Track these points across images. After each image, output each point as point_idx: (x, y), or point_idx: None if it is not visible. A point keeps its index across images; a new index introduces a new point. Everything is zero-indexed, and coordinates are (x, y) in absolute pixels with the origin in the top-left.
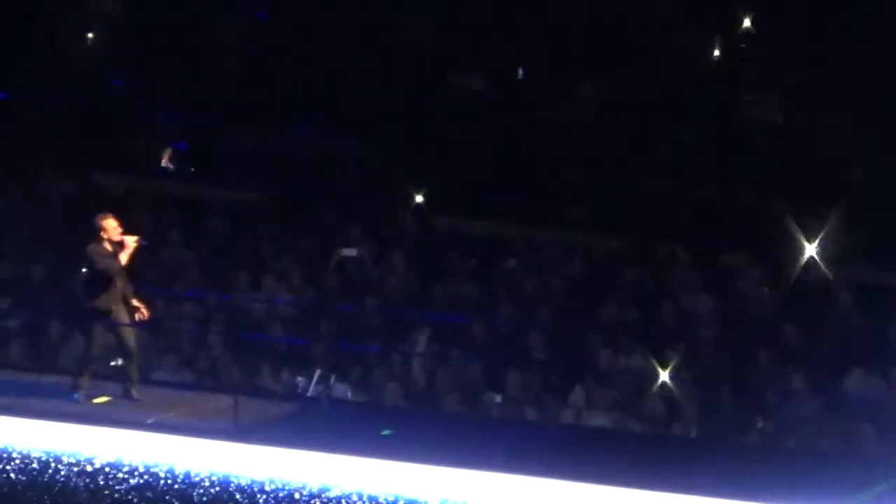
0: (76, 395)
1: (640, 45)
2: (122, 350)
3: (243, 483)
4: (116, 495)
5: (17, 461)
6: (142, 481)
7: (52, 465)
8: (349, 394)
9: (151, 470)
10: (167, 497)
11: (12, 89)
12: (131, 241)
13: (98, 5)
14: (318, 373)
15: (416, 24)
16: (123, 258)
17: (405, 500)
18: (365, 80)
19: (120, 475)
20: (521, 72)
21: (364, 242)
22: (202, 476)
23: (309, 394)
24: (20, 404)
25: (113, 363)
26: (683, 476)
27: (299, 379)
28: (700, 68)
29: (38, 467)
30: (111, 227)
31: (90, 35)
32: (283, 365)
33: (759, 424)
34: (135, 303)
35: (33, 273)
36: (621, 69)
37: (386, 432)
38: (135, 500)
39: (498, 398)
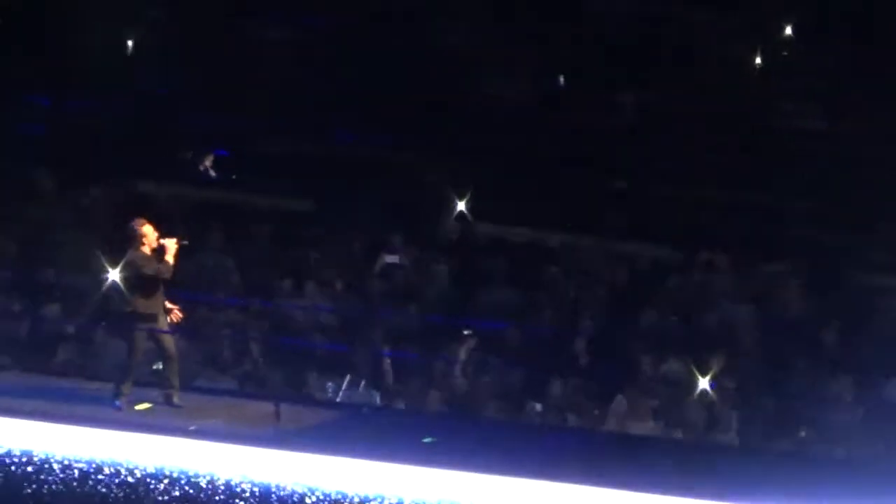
0: (118, 402)
1: (681, 52)
2: (163, 356)
3: (285, 491)
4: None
5: (58, 469)
6: (183, 490)
7: (93, 474)
8: (378, 399)
9: (192, 479)
10: None
11: (54, 96)
12: (172, 244)
13: (140, 12)
14: (347, 378)
15: (460, 30)
16: (171, 260)
17: None
18: (407, 87)
19: (162, 485)
20: (561, 79)
21: (406, 249)
22: (243, 484)
23: (338, 399)
24: (62, 411)
25: (154, 367)
26: (725, 484)
27: (329, 384)
28: (740, 75)
29: (78, 476)
30: (150, 232)
31: (132, 42)
32: (324, 372)
33: (801, 433)
34: (167, 306)
35: (76, 280)
36: (663, 76)
37: (427, 440)
38: None
39: (539, 406)
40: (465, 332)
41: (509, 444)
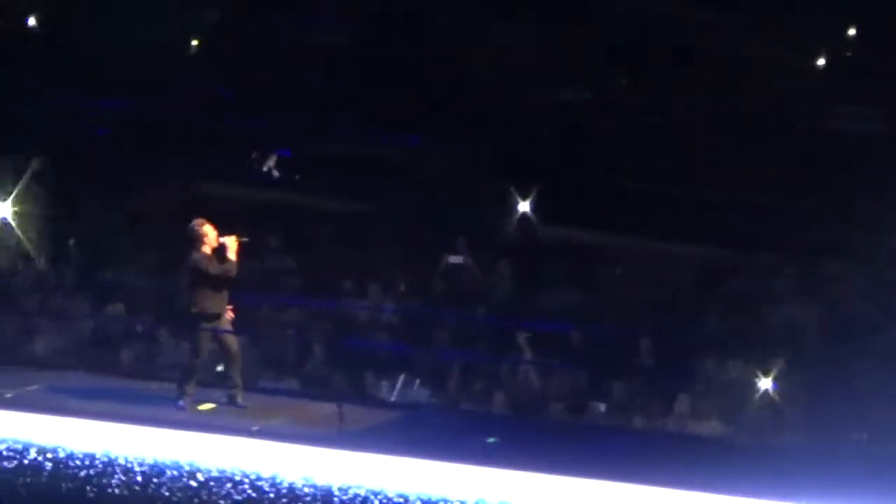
0: (181, 403)
1: (731, 55)
2: (226, 356)
3: (348, 492)
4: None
5: (121, 471)
6: (245, 492)
7: (156, 476)
8: (429, 398)
9: (255, 481)
10: None
11: (115, 99)
12: (232, 243)
13: (203, 12)
14: (402, 377)
15: (519, 35)
16: (233, 258)
17: None
18: (473, 91)
19: (224, 488)
20: (624, 82)
21: (470, 250)
22: (306, 486)
23: (392, 398)
24: (125, 411)
25: (218, 369)
26: (789, 485)
27: (383, 383)
28: (795, 79)
29: (141, 478)
30: (210, 232)
31: (193, 43)
32: (387, 372)
33: (864, 433)
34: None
35: (140, 281)
36: (714, 79)
37: (491, 440)
38: None
39: (602, 406)
40: (526, 335)
41: (572, 444)
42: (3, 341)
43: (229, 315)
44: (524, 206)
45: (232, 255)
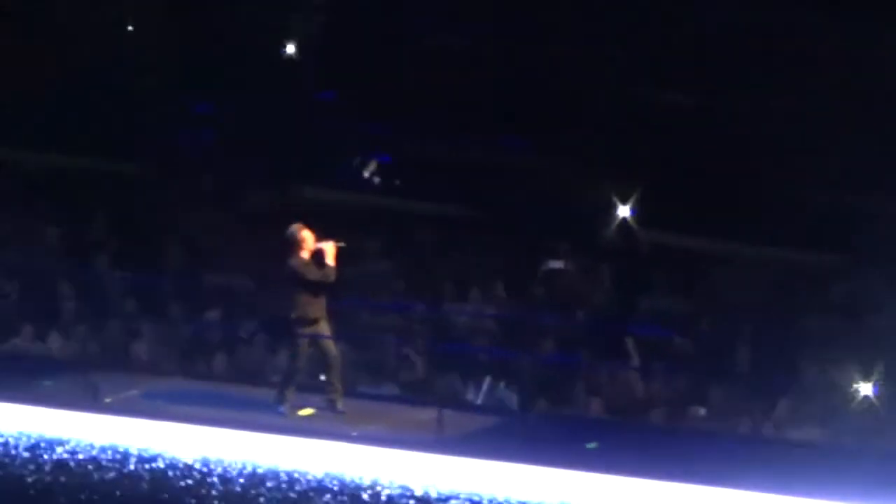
0: (281, 408)
1: (839, 59)
2: (325, 361)
3: (447, 498)
4: None
5: (217, 474)
6: (344, 498)
7: (255, 482)
8: (514, 401)
9: (352, 486)
10: None
11: (218, 101)
12: (330, 248)
13: (305, 17)
14: (488, 379)
15: (622, 40)
16: (332, 263)
17: None
18: (573, 95)
19: (324, 494)
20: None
21: (571, 256)
22: (405, 490)
23: (479, 401)
24: (226, 416)
25: (322, 377)
26: (891, 489)
27: (482, 388)
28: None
29: (240, 489)
30: (308, 237)
31: (295, 47)
32: (487, 377)
33: None
34: None
35: (239, 285)
36: (823, 83)
37: (591, 445)
38: None
39: (702, 411)
40: (627, 339)
41: (673, 449)
42: (104, 346)
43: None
44: (626, 210)
45: (330, 260)
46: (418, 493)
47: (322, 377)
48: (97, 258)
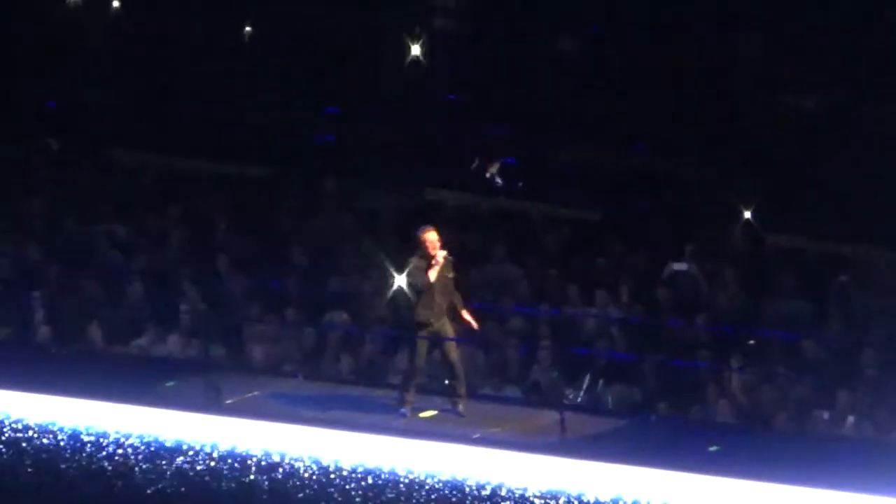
0: (403, 410)
1: None
2: (446, 364)
3: (572, 500)
4: None
5: (342, 474)
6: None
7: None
8: (610, 400)
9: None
10: None
11: (344, 104)
12: (440, 257)
13: (430, 20)
14: (587, 378)
15: (749, 43)
16: (433, 274)
17: None
18: (697, 98)
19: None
20: (851, 89)
21: (696, 259)
22: (528, 493)
23: (579, 400)
24: (348, 418)
25: (447, 381)
26: None
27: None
28: None
29: (367, 485)
30: (431, 240)
31: (419, 52)
32: (611, 381)
33: None
34: (465, 316)
35: (363, 288)
36: None
37: (713, 448)
38: None
39: (826, 415)
40: (750, 342)
41: (796, 454)
42: (225, 348)
43: (472, 328)
44: (751, 214)
45: (433, 271)
46: (544, 494)
47: (446, 381)
48: (219, 260)
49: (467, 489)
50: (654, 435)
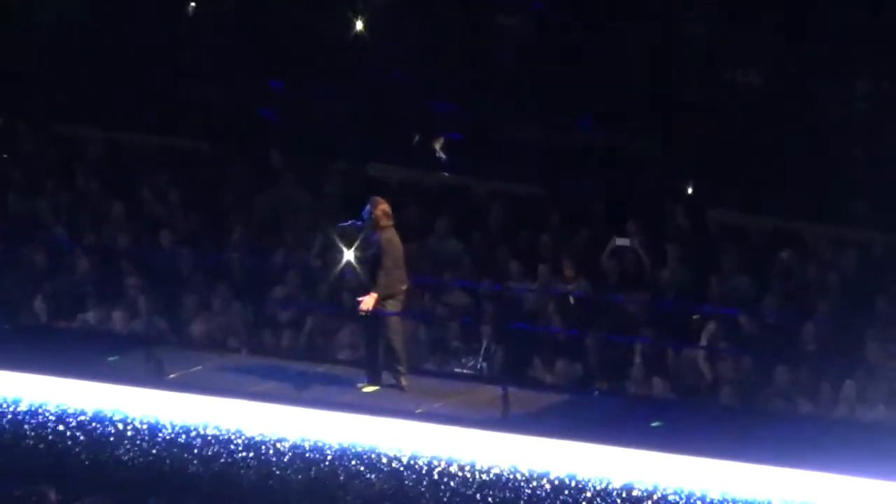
0: (404, 384)
1: None
2: (389, 337)
3: (513, 474)
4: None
5: (285, 448)
6: (406, 473)
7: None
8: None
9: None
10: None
11: (289, 79)
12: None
13: None
14: (484, 344)
15: (695, 18)
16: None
17: (680, 493)
18: (638, 74)
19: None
20: (799, 68)
21: (639, 234)
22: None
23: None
24: (292, 393)
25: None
26: None
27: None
28: None
29: (312, 457)
30: (389, 211)
31: (364, 26)
32: (553, 356)
33: None
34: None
35: (308, 262)
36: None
37: (655, 424)
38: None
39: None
40: (694, 318)
41: (737, 430)
42: (168, 323)
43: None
44: (693, 190)
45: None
46: (483, 469)
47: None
48: (162, 235)
49: (410, 464)
50: (597, 410)
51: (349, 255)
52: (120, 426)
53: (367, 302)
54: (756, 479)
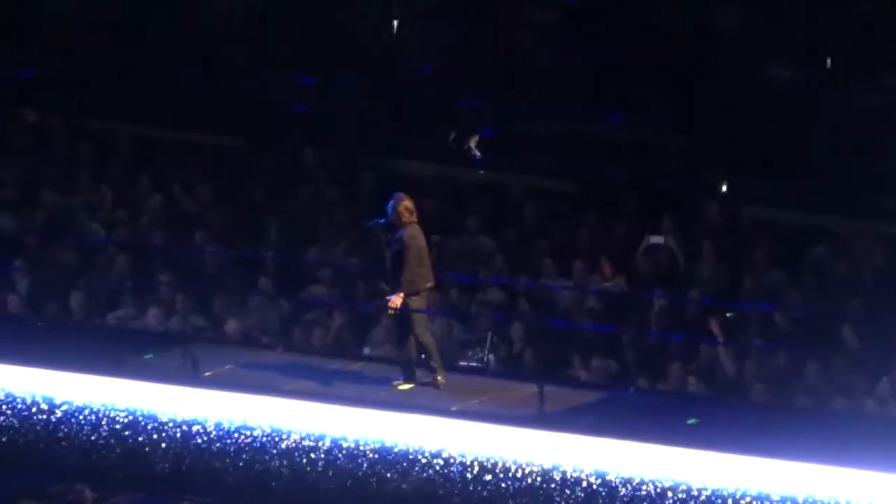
0: (440, 380)
1: None
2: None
3: (549, 472)
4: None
5: (320, 446)
6: (443, 470)
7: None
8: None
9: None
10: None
11: (319, 74)
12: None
13: None
14: (489, 337)
15: (726, 12)
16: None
17: (711, 490)
18: (674, 69)
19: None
20: (829, 61)
21: (673, 231)
22: (505, 463)
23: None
24: (326, 391)
25: (422, 355)
26: None
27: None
28: None
29: (347, 454)
30: (412, 207)
31: (397, 21)
32: (589, 353)
33: None
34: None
35: (343, 259)
36: None
37: (691, 421)
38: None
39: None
40: (728, 315)
41: (774, 427)
42: (203, 320)
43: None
44: (730, 187)
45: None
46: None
47: (422, 355)
48: (196, 231)
49: (446, 461)
50: (632, 407)
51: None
52: (155, 424)
53: (395, 301)
54: (790, 476)
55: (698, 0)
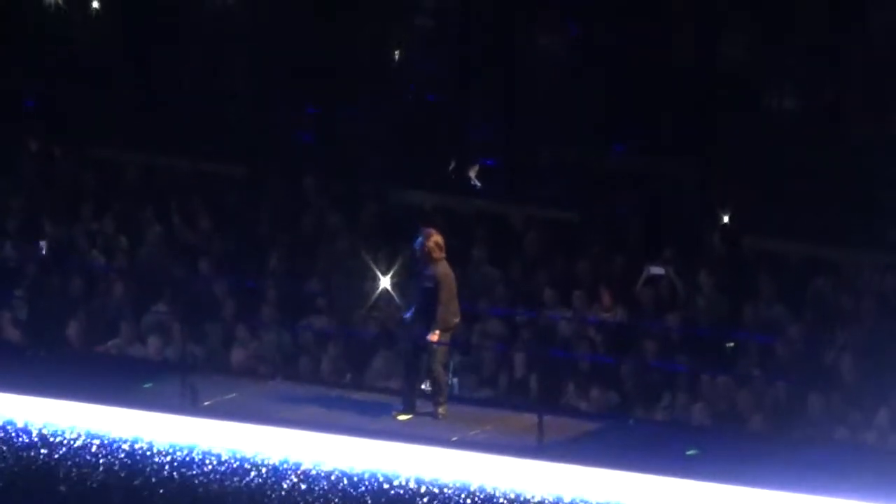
0: (440, 412)
1: None
2: (436, 369)
3: (548, 502)
4: None
5: (321, 476)
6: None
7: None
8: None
9: (447, 489)
10: None
11: (323, 103)
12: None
13: (412, 21)
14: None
15: (733, 43)
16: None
17: None
18: (678, 99)
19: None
20: (833, 92)
21: (674, 262)
22: (505, 494)
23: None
24: (326, 420)
25: (423, 387)
26: None
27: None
28: None
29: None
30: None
31: (400, 51)
32: (588, 383)
33: None
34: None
35: (338, 289)
36: None
37: (691, 452)
38: None
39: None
40: (729, 345)
41: (773, 457)
42: (203, 349)
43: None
44: (731, 218)
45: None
46: (518, 495)
47: (423, 387)
48: (199, 260)
49: (445, 491)
50: (632, 438)
51: (384, 281)
52: (154, 453)
53: (433, 338)
54: None
55: (705, 30)
